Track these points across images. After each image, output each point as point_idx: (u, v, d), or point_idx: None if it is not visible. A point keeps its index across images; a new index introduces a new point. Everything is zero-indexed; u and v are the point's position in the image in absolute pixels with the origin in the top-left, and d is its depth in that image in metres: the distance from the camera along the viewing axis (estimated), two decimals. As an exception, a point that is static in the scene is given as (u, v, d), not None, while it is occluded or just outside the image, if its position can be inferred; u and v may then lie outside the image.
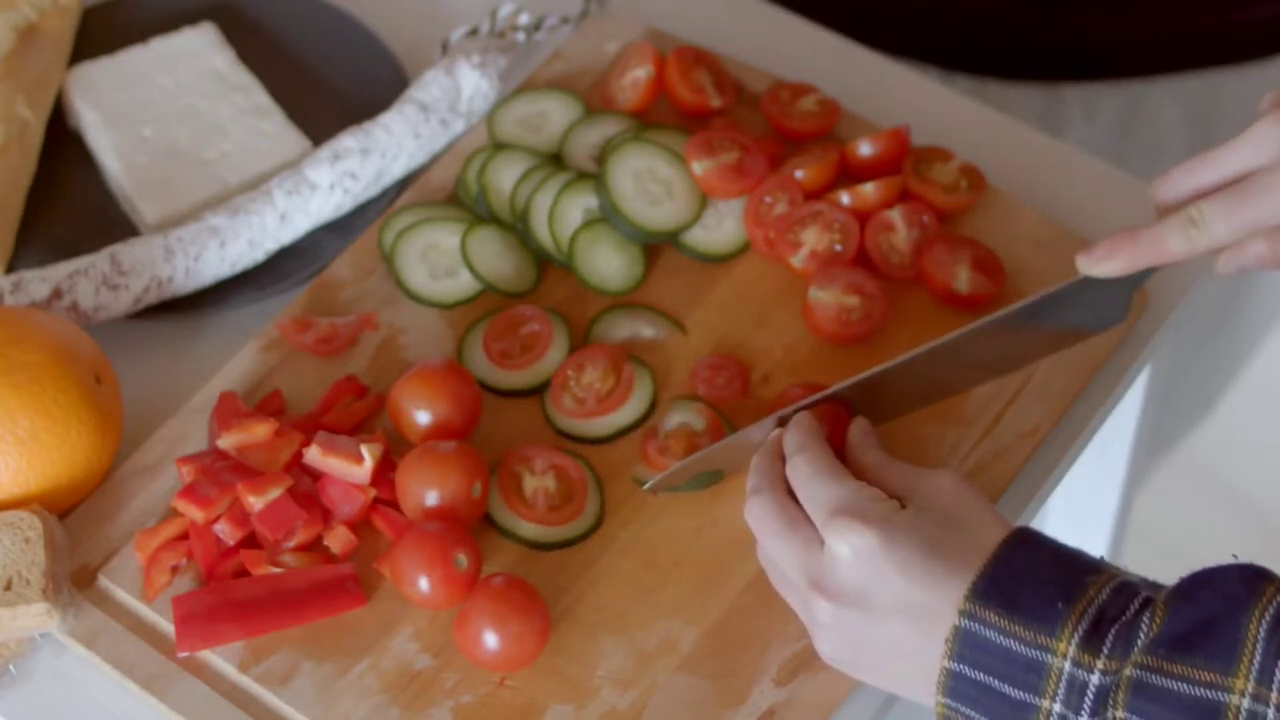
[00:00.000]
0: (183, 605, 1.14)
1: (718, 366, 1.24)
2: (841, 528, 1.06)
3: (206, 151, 1.36)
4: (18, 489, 1.17)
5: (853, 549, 1.06)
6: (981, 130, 1.37)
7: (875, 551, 1.05)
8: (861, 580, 1.06)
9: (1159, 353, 1.35)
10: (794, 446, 1.13)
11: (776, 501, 1.11)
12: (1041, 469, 1.23)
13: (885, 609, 1.05)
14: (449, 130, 1.35)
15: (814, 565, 1.08)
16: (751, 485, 1.13)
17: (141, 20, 1.43)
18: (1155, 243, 1.10)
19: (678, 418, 1.22)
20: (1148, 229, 1.11)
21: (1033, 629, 1.02)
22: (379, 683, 1.13)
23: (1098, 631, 1.01)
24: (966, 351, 1.17)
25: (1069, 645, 1.01)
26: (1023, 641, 1.02)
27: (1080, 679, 1.00)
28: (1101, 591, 1.03)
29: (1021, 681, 1.02)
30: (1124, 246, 1.11)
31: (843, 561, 1.06)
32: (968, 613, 1.03)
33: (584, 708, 1.13)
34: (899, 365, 1.16)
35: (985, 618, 1.03)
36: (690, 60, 1.36)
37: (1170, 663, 0.99)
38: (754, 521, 1.11)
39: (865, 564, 1.06)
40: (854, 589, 1.06)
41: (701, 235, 1.30)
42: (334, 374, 1.25)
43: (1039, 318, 1.16)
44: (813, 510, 1.09)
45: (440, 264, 1.29)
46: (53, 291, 1.26)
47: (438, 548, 1.13)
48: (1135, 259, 1.11)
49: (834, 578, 1.07)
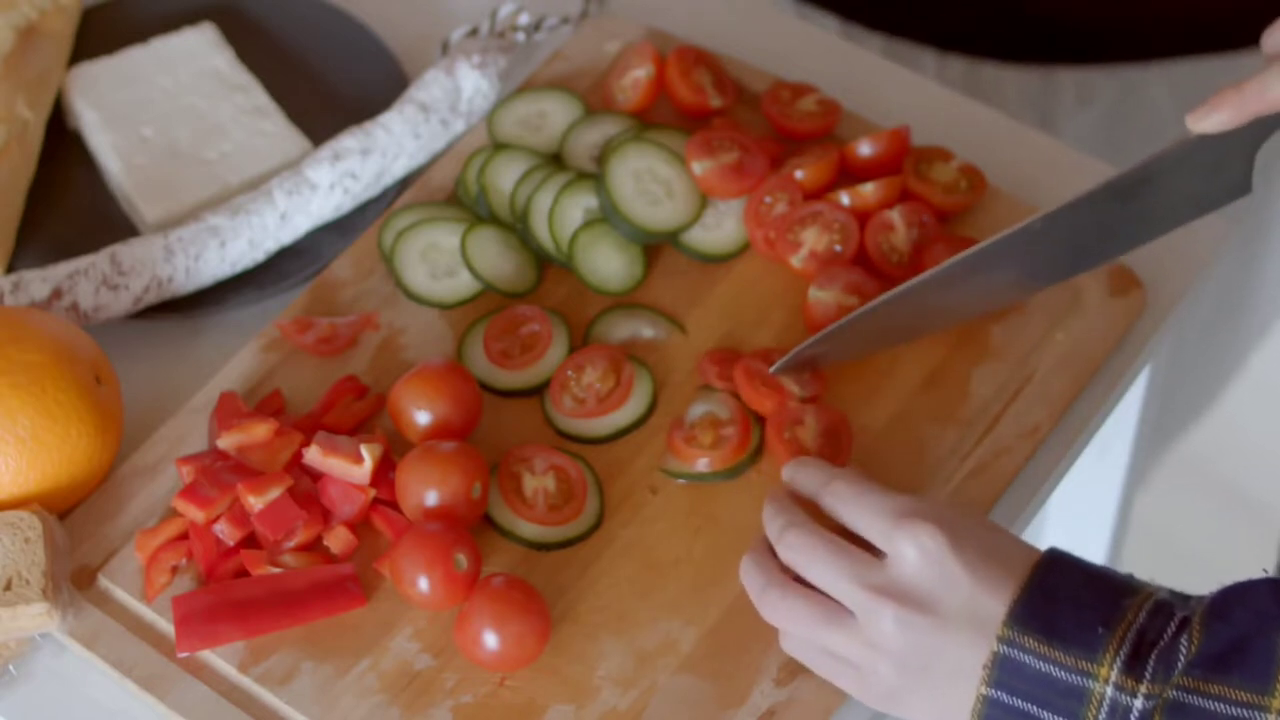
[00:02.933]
0: (182, 605, 1.14)
1: (724, 360, 1.24)
2: (912, 529, 1.05)
3: (206, 151, 1.36)
4: (18, 489, 1.17)
5: (921, 550, 1.04)
6: (981, 130, 1.37)
7: (944, 551, 1.04)
8: (929, 581, 1.04)
9: (1159, 353, 1.35)
10: (824, 477, 1.11)
11: (813, 530, 1.09)
12: (1041, 469, 1.23)
13: (951, 614, 1.04)
14: (449, 130, 1.35)
15: (875, 575, 1.06)
16: (780, 525, 1.10)
17: (141, 20, 1.43)
18: (1259, 92, 1.08)
19: (702, 408, 1.22)
20: (1252, 79, 1.08)
21: (1074, 654, 1.01)
22: (379, 683, 1.13)
23: (1138, 655, 1.00)
24: (1076, 225, 1.15)
25: (1111, 670, 1.00)
26: (1063, 667, 1.01)
27: (1124, 704, 1.00)
28: (1139, 614, 1.02)
29: (1061, 707, 1.01)
30: (1228, 97, 1.09)
31: (910, 564, 1.05)
32: (1006, 639, 1.02)
33: (584, 708, 1.13)
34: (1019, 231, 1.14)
35: (1024, 643, 1.02)
36: (690, 60, 1.36)
37: (1207, 683, 0.98)
38: (796, 554, 1.09)
39: (934, 565, 1.04)
40: (920, 592, 1.04)
41: (701, 235, 1.30)
42: (334, 374, 1.25)
43: (1155, 185, 1.13)
44: (872, 521, 1.07)
45: (440, 264, 1.29)
46: (53, 291, 1.26)
47: (438, 548, 1.13)
48: (1240, 109, 1.09)
49: (899, 582, 1.05)
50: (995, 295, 1.24)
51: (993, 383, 1.24)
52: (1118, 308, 1.27)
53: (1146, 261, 1.29)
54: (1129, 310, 1.27)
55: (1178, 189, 1.14)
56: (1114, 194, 1.14)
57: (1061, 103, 1.61)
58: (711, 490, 1.20)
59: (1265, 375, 2.33)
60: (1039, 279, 1.23)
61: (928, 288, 1.18)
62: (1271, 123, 1.10)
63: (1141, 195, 1.14)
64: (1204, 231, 1.26)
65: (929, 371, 1.25)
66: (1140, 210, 1.15)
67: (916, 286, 1.18)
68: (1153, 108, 1.61)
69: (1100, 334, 1.26)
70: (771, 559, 1.11)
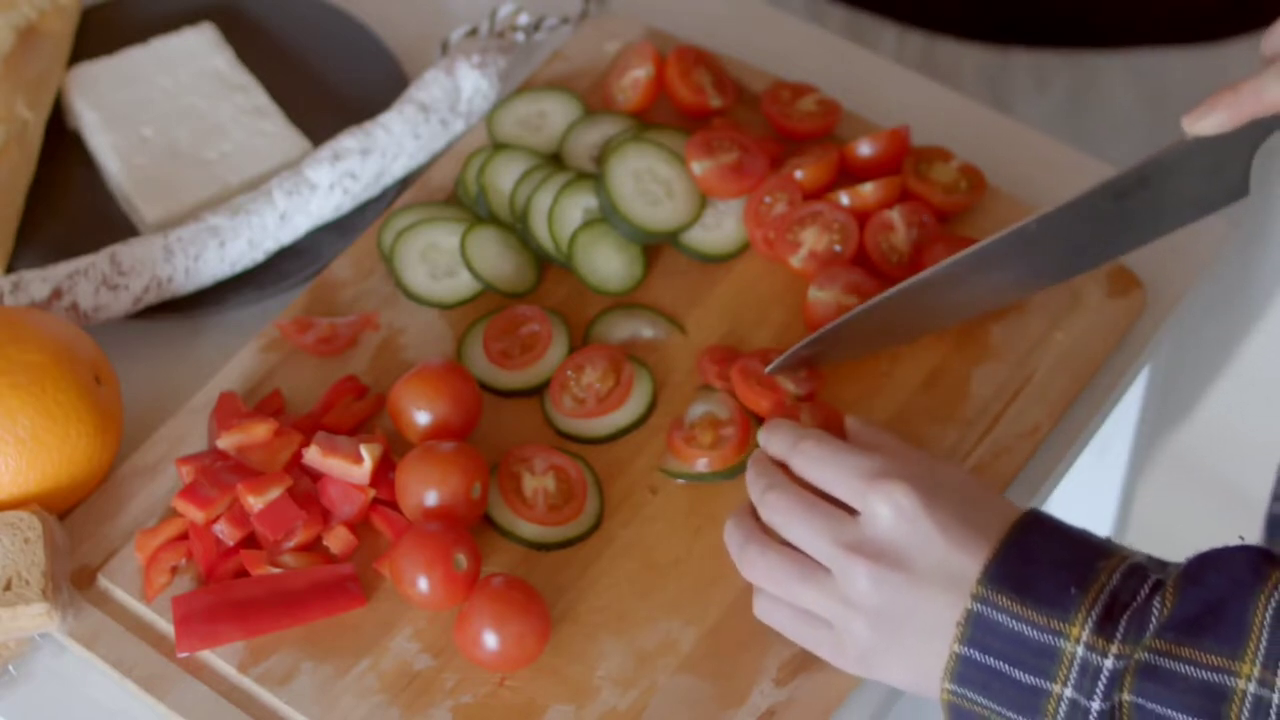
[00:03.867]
0: (182, 605, 1.14)
1: (724, 359, 1.24)
2: (885, 488, 1.06)
3: (206, 151, 1.36)
4: (18, 489, 1.17)
5: (896, 508, 1.05)
6: (981, 130, 1.37)
7: (918, 510, 1.05)
8: (903, 538, 1.05)
9: (1159, 353, 1.35)
10: (792, 438, 1.12)
11: (792, 490, 1.10)
12: (1041, 469, 1.23)
13: (924, 572, 1.05)
14: (449, 130, 1.35)
15: (849, 532, 1.07)
16: (761, 487, 1.12)
17: (141, 20, 1.43)
18: (1254, 93, 1.08)
19: (702, 408, 1.22)
20: (1247, 80, 1.09)
21: (1045, 614, 1.02)
22: (379, 683, 1.13)
23: (1110, 616, 1.01)
24: (1073, 225, 1.15)
25: (1082, 630, 1.01)
26: (1035, 626, 1.02)
27: (1094, 663, 1.01)
28: (1113, 576, 1.03)
29: (1032, 666, 1.02)
30: (1224, 99, 1.09)
31: (884, 521, 1.06)
32: (980, 596, 1.03)
33: (584, 708, 1.13)
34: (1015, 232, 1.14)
35: (997, 601, 1.03)
36: (690, 60, 1.36)
37: (1179, 646, 0.99)
38: (776, 514, 1.10)
39: (907, 523, 1.05)
40: (894, 549, 1.05)
41: (701, 235, 1.30)
42: (334, 374, 1.25)
43: (1153, 186, 1.14)
44: (846, 481, 1.08)
45: (440, 264, 1.29)
46: (53, 291, 1.26)
47: (437, 548, 1.13)
48: (1235, 112, 1.09)
49: (873, 540, 1.06)
50: (993, 295, 1.24)
51: (993, 383, 1.24)
52: (1118, 308, 1.27)
53: (1146, 261, 1.29)
54: (1129, 310, 1.27)
55: (1176, 190, 1.15)
56: (1111, 194, 1.14)
57: (1018, 86, 1.61)
58: (711, 490, 1.20)
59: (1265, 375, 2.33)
60: (1037, 279, 1.23)
61: (924, 288, 1.18)
62: (1268, 125, 1.10)
63: (1139, 196, 1.14)
64: (1204, 232, 1.26)
65: (929, 371, 1.25)
66: (1138, 211, 1.16)
67: (912, 287, 1.18)
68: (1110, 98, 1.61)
69: (1100, 334, 1.26)
70: (753, 519, 1.12)
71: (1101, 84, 1.60)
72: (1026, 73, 1.60)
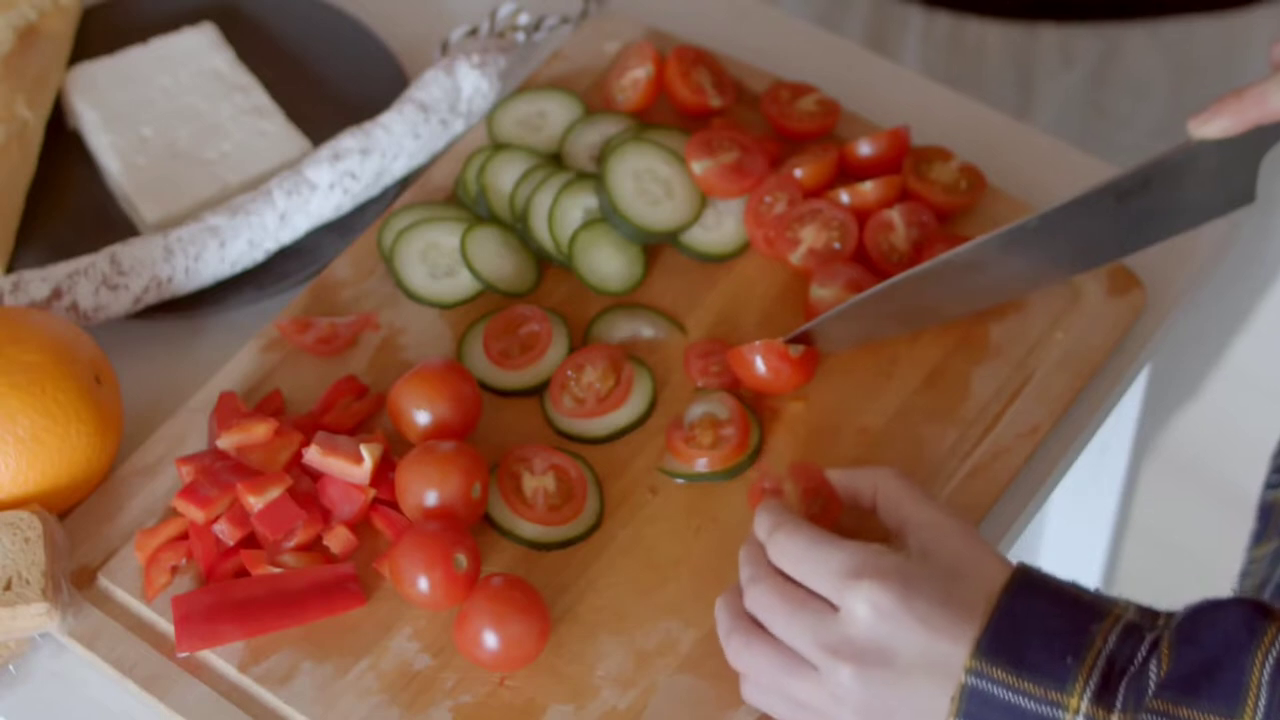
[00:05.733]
0: (182, 605, 1.14)
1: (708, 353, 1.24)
2: (861, 588, 1.03)
3: (206, 151, 1.36)
4: (18, 489, 1.17)
5: (873, 607, 1.03)
6: (981, 130, 1.37)
7: (896, 607, 1.03)
8: (883, 637, 1.03)
9: (1159, 353, 1.35)
10: (769, 524, 1.09)
11: (778, 585, 1.07)
12: (1041, 469, 1.23)
13: (908, 665, 1.03)
14: (449, 130, 1.35)
15: (830, 634, 1.04)
16: (747, 576, 1.09)
17: (141, 20, 1.43)
18: (1259, 100, 1.08)
19: (702, 408, 1.22)
20: (1251, 87, 1.09)
21: (1042, 685, 1.00)
22: (379, 683, 1.13)
23: (1108, 684, 1.00)
24: (1075, 224, 1.14)
25: (1081, 701, 0.99)
26: (1032, 698, 1.00)
27: None
28: (1108, 640, 1.01)
29: None
30: (1229, 104, 1.09)
31: (863, 622, 1.03)
32: (974, 670, 1.01)
33: (584, 708, 1.13)
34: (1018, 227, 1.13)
35: (992, 675, 1.01)
36: (690, 60, 1.36)
37: (1176, 706, 0.98)
38: (760, 610, 1.08)
39: (886, 620, 1.03)
40: (876, 648, 1.03)
41: (701, 235, 1.30)
42: (334, 374, 1.25)
43: (1157, 188, 1.13)
44: (820, 578, 1.05)
45: (440, 264, 1.29)
46: (53, 291, 1.26)
47: (437, 548, 1.13)
48: (1240, 117, 1.08)
49: (854, 640, 1.04)
50: (997, 289, 1.23)
51: (993, 383, 1.24)
52: (1118, 308, 1.27)
53: (1146, 261, 1.29)
54: (1129, 310, 1.27)
55: (1180, 193, 1.14)
56: (1114, 195, 1.14)
57: (1045, 62, 1.60)
58: (711, 490, 1.20)
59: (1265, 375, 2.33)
60: (1040, 276, 1.22)
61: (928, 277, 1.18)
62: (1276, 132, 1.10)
63: (1143, 197, 1.14)
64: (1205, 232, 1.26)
65: (929, 371, 1.25)
66: (1142, 213, 1.15)
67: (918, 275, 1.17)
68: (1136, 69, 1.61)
69: (1100, 334, 1.26)
70: (740, 601, 1.10)
71: (1126, 55, 1.59)
72: (1053, 48, 1.60)
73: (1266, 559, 1.22)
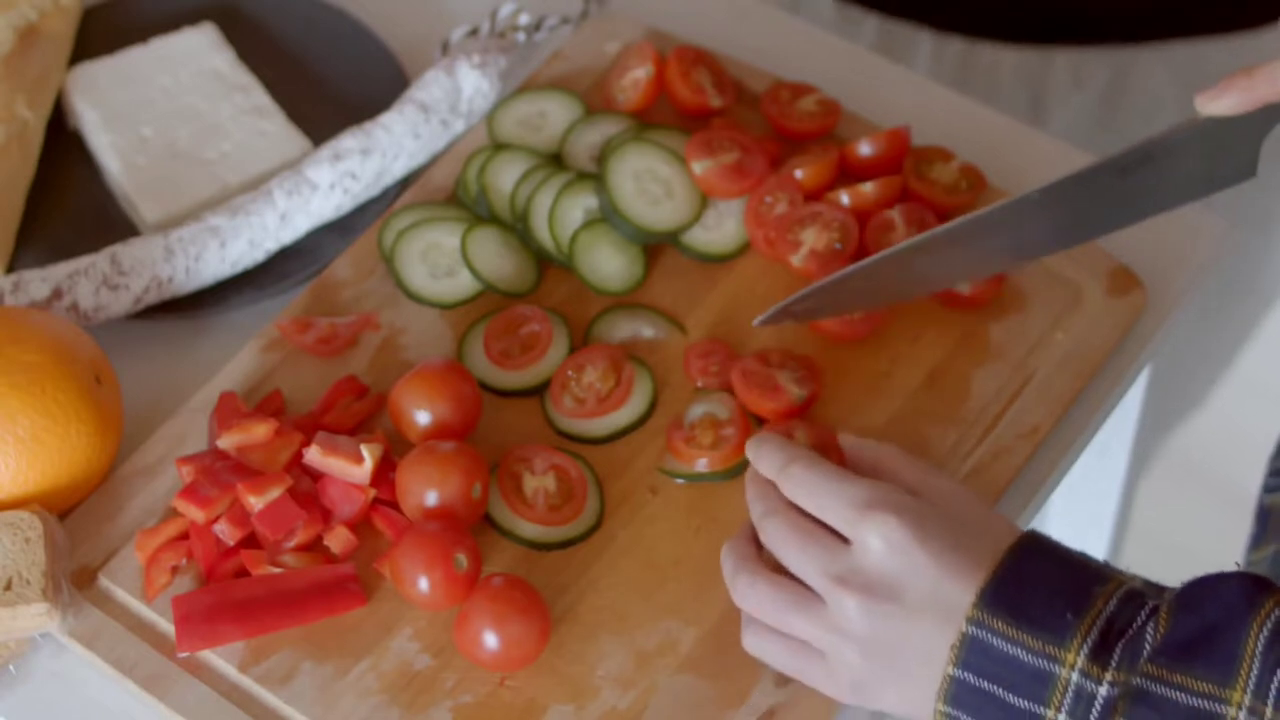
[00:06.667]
0: (183, 605, 1.14)
1: (708, 354, 1.24)
2: (876, 520, 1.04)
3: (206, 151, 1.36)
4: (18, 489, 1.17)
5: (886, 540, 1.04)
6: (981, 130, 1.37)
7: (910, 541, 1.04)
8: (894, 571, 1.04)
9: (1159, 353, 1.35)
10: (782, 459, 1.10)
11: (790, 518, 1.09)
12: (1041, 469, 1.23)
13: (916, 602, 1.04)
14: (449, 130, 1.35)
15: (841, 564, 1.06)
16: (759, 512, 1.10)
17: (141, 20, 1.43)
18: (1269, 79, 1.08)
19: (702, 408, 1.22)
20: (1263, 66, 1.09)
21: (1041, 639, 1.01)
22: (379, 683, 1.13)
23: (1106, 643, 1.01)
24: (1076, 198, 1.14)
25: (1077, 656, 1.00)
26: (1030, 651, 1.01)
27: (1088, 690, 1.00)
28: (1109, 602, 1.02)
29: (1026, 691, 1.01)
30: (1238, 82, 1.09)
31: (875, 554, 1.05)
32: (975, 620, 1.02)
33: (584, 708, 1.13)
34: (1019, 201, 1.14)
35: (993, 625, 1.02)
36: (690, 60, 1.36)
37: (1171, 672, 0.99)
38: (773, 542, 1.09)
39: (899, 554, 1.04)
40: (885, 581, 1.04)
41: (701, 235, 1.30)
42: (334, 374, 1.25)
43: (1160, 162, 1.13)
44: (836, 510, 1.07)
45: (440, 264, 1.29)
46: (53, 291, 1.26)
47: (438, 548, 1.13)
48: (1249, 95, 1.09)
49: (864, 572, 1.05)
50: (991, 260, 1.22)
51: (993, 383, 1.24)
52: (1118, 307, 1.27)
53: (1146, 261, 1.29)
54: (1129, 310, 1.27)
55: (1181, 168, 1.14)
56: (1117, 170, 1.13)
57: (1056, 85, 1.60)
58: (711, 490, 1.20)
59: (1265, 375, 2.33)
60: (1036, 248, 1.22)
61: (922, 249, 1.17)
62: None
63: (1144, 172, 1.14)
64: (1205, 232, 1.26)
65: (929, 372, 1.25)
66: (1142, 187, 1.15)
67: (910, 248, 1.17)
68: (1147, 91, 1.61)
69: (1100, 334, 1.26)
70: (748, 545, 1.11)
71: (1138, 77, 1.60)
72: (1064, 71, 1.60)
73: (1265, 562, 1.23)
